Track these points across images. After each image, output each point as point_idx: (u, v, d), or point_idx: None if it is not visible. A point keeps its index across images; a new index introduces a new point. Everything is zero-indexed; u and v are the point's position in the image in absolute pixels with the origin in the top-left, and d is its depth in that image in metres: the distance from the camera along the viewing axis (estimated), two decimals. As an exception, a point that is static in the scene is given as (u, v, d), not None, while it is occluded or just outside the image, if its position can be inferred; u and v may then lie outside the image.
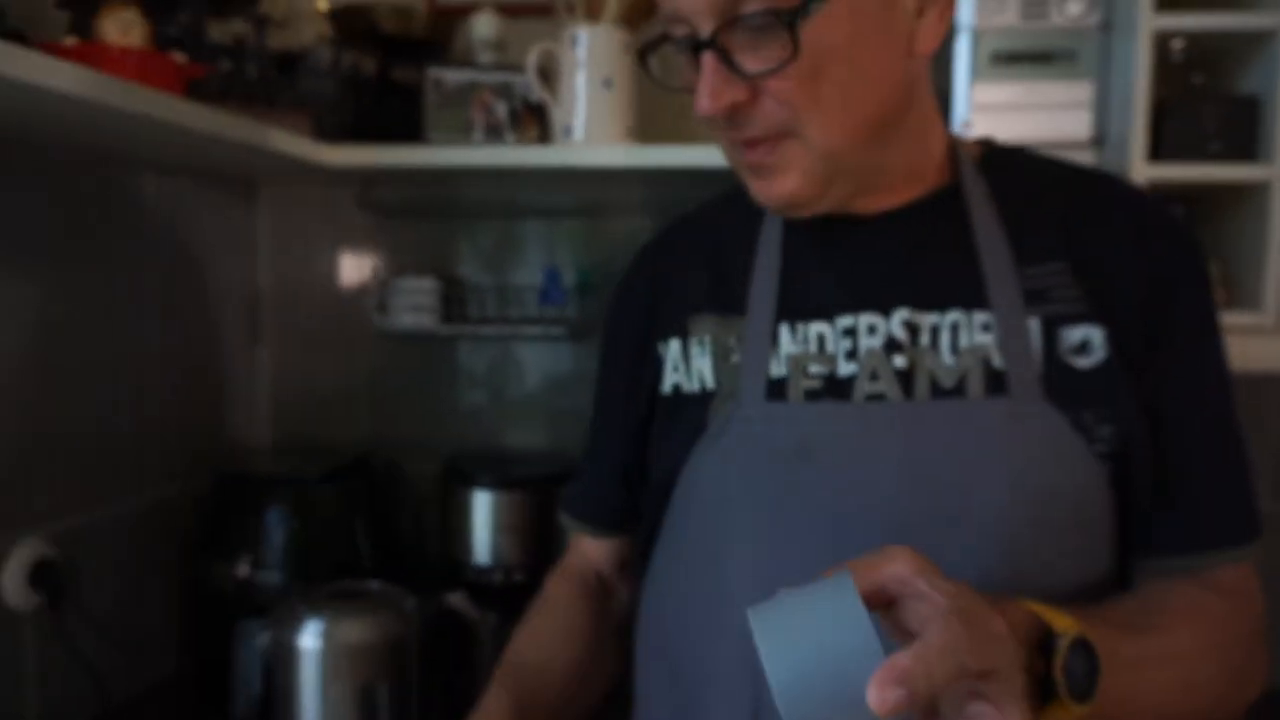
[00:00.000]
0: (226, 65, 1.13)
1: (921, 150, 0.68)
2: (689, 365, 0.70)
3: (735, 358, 0.68)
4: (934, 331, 0.64)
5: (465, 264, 1.46)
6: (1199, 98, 1.12)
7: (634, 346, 0.75)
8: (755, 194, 0.65)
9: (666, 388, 0.71)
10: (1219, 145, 1.06)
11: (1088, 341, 0.62)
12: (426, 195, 1.43)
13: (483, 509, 1.27)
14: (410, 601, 1.00)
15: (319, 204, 1.47)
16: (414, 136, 1.26)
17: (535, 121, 1.25)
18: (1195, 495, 0.63)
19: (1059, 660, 0.48)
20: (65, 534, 1.06)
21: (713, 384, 0.68)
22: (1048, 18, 1.07)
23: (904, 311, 0.64)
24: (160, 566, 1.22)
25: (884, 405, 0.63)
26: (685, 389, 0.70)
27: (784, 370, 0.66)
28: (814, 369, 0.65)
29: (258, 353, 1.48)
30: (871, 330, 0.65)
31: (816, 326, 0.66)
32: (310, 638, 0.94)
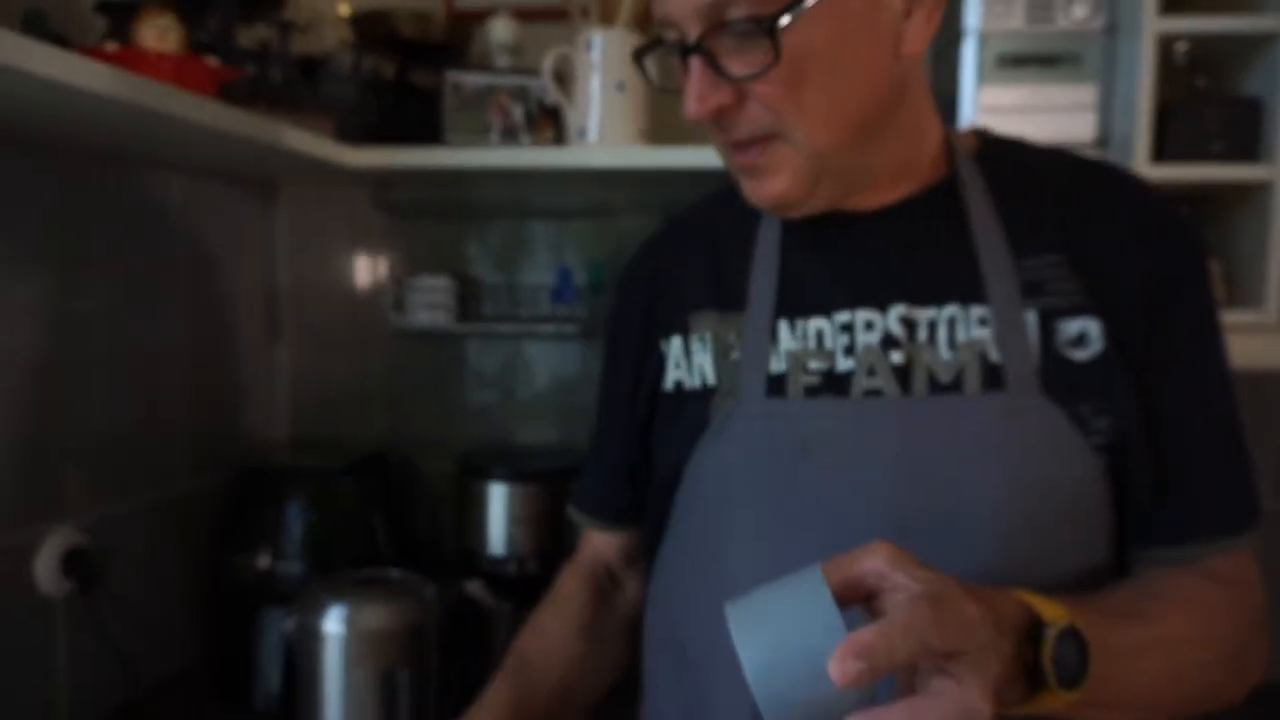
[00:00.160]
0: (252, 70, 1.16)
1: (915, 147, 0.67)
2: (690, 362, 0.71)
3: (735, 354, 0.68)
4: (931, 326, 0.64)
5: (479, 263, 1.48)
6: (1202, 99, 1.13)
7: (636, 344, 0.75)
8: (747, 194, 0.66)
9: (669, 384, 0.72)
10: (1222, 146, 1.07)
11: (1085, 334, 0.62)
12: (442, 196, 1.45)
13: (498, 501, 1.29)
14: (430, 589, 1.02)
15: (337, 205, 1.49)
16: (432, 139, 1.27)
17: (550, 124, 1.27)
18: (1192, 486, 0.63)
19: (1047, 649, 0.49)
20: (95, 524, 1.08)
21: (714, 380, 0.68)
22: (1053, 21, 1.08)
23: (900, 307, 0.64)
24: (183, 557, 1.24)
25: (881, 401, 0.63)
26: (687, 386, 0.70)
27: (784, 366, 0.66)
28: (813, 365, 0.65)
29: (276, 350, 1.50)
30: (869, 326, 0.65)
31: (815, 322, 0.66)
32: (334, 623, 0.96)
